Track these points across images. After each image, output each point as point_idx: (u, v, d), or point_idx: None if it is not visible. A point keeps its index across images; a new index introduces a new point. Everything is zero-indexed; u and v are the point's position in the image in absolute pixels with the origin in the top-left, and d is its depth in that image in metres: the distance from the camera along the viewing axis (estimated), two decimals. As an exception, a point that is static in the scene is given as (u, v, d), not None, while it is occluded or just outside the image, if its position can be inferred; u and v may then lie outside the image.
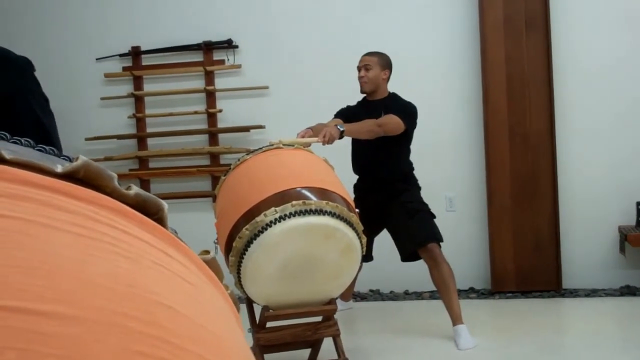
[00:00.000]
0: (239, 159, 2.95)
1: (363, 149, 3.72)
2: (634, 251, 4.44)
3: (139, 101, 5.19)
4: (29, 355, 0.26)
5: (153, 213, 0.40)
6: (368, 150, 3.69)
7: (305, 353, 3.12)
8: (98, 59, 5.20)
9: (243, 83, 5.02)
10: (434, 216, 3.65)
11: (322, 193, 2.68)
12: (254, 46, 5.03)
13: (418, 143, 3.81)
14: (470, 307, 3.97)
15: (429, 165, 4.41)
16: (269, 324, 2.88)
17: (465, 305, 3.70)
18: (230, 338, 0.37)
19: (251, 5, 5.03)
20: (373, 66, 3.69)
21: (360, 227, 2.74)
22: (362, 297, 4.70)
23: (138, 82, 5.19)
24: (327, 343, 3.04)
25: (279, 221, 2.56)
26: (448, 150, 4.79)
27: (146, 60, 5.20)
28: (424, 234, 3.55)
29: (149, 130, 5.19)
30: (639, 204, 4.49)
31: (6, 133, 0.41)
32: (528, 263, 4.58)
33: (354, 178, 3.81)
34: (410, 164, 3.79)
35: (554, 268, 4.55)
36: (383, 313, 4.31)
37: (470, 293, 4.67)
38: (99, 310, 0.29)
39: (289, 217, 2.57)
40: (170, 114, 5.12)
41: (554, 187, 4.57)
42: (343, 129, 3.30)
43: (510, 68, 4.60)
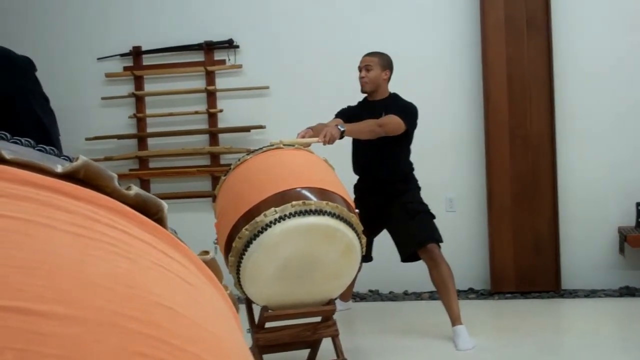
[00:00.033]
0: (239, 159, 2.95)
1: (363, 149, 3.72)
2: (634, 252, 4.44)
3: (140, 101, 5.19)
4: (29, 355, 0.26)
5: (153, 213, 0.40)
6: (368, 150, 3.68)
7: (304, 353, 3.11)
8: (99, 59, 5.20)
9: (244, 83, 5.02)
10: (434, 217, 3.65)
11: (322, 193, 2.68)
12: (255, 46, 5.03)
13: (418, 143, 3.81)
14: (469, 308, 3.97)
15: (429, 165, 4.40)
16: (268, 324, 2.88)
17: (464, 305, 3.70)
18: (229, 338, 0.37)
19: (252, 5, 5.03)
20: (373, 67, 3.68)
21: (360, 228, 2.74)
22: (362, 298, 4.70)
23: (139, 82, 5.19)
24: (326, 343, 3.04)
25: (279, 221, 2.56)
26: (448, 150, 4.78)
27: (147, 60, 5.20)
28: (424, 235, 3.55)
29: (150, 130, 5.19)
30: (639, 205, 4.49)
31: (6, 133, 0.41)
32: (528, 263, 4.58)
33: (354, 178, 3.80)
34: (410, 165, 3.79)
35: (554, 269, 4.55)
36: (382, 313, 4.31)
37: (469, 293, 4.67)
38: (99, 310, 0.29)
39: (289, 218, 2.57)
40: (170, 114, 5.12)
41: (554, 188, 4.57)
42: (344, 129, 3.29)
43: (510, 69, 4.60)
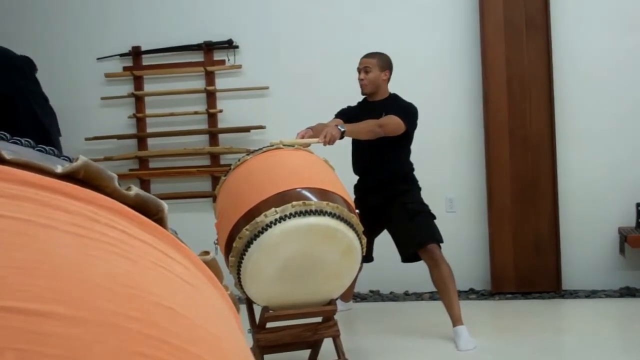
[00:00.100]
0: (239, 159, 2.95)
1: (363, 150, 3.72)
2: (634, 252, 4.44)
3: (140, 101, 5.19)
4: (29, 355, 0.26)
5: (153, 214, 0.40)
6: (368, 150, 3.68)
7: (305, 354, 3.11)
8: (98, 59, 5.20)
9: (243, 83, 5.02)
10: (434, 217, 3.65)
11: (323, 194, 2.67)
12: (255, 46, 5.03)
13: (418, 144, 3.80)
14: (470, 308, 3.97)
15: (430, 166, 4.40)
16: (269, 325, 2.88)
17: (465, 306, 3.69)
18: (229, 339, 0.37)
19: (251, 5, 5.03)
20: (372, 68, 3.68)
21: (360, 228, 2.74)
22: (362, 298, 4.70)
23: (138, 82, 5.19)
24: (327, 344, 3.04)
25: (279, 222, 2.56)
26: (448, 151, 4.78)
27: (147, 60, 5.20)
28: (424, 235, 3.55)
29: (149, 130, 5.19)
30: (639, 205, 4.49)
31: (6, 133, 0.41)
32: (528, 264, 4.58)
33: (355, 179, 3.80)
34: (410, 165, 3.79)
35: (554, 269, 4.55)
36: (383, 314, 4.30)
37: (470, 294, 4.67)
38: (99, 310, 0.29)
39: (289, 218, 2.56)
40: (170, 114, 5.12)
41: (554, 188, 4.57)
42: (344, 130, 3.29)
43: (510, 69, 4.60)
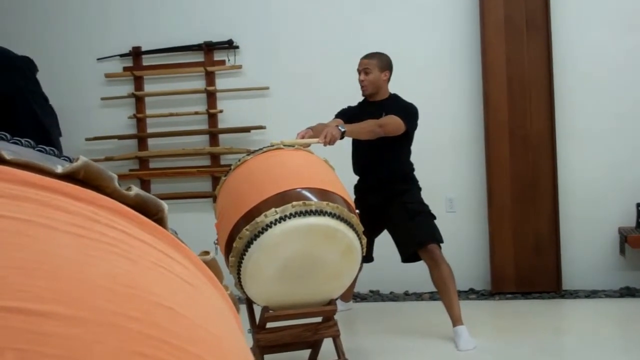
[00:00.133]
0: (240, 160, 2.95)
1: (364, 150, 3.72)
2: (634, 252, 4.44)
3: (140, 101, 5.19)
4: (29, 355, 0.26)
5: (153, 214, 0.40)
6: (368, 150, 3.68)
7: (305, 354, 3.11)
8: (99, 59, 5.20)
9: (243, 83, 5.02)
10: (435, 217, 3.65)
11: (323, 194, 2.67)
12: (255, 47, 5.03)
13: (418, 144, 3.80)
14: (470, 308, 3.96)
15: (430, 166, 4.40)
16: (269, 325, 2.88)
17: (465, 306, 3.69)
18: (229, 339, 0.37)
19: (251, 5, 5.03)
20: (372, 69, 3.68)
21: (360, 228, 2.74)
22: (362, 298, 4.70)
23: (139, 83, 5.19)
24: (327, 344, 3.04)
25: (279, 222, 2.56)
26: (448, 151, 4.78)
27: (147, 60, 5.20)
28: (424, 235, 3.55)
29: (150, 130, 5.19)
30: (639, 205, 4.49)
31: (6, 133, 0.41)
32: (528, 264, 4.57)
33: (355, 179, 3.80)
34: (410, 165, 3.79)
35: (554, 269, 4.55)
36: (383, 314, 4.30)
37: (470, 294, 4.66)
38: (99, 310, 0.29)
39: (289, 218, 2.56)
40: (170, 115, 5.12)
41: (554, 188, 4.57)
42: (344, 130, 3.28)
43: (510, 69, 4.60)
